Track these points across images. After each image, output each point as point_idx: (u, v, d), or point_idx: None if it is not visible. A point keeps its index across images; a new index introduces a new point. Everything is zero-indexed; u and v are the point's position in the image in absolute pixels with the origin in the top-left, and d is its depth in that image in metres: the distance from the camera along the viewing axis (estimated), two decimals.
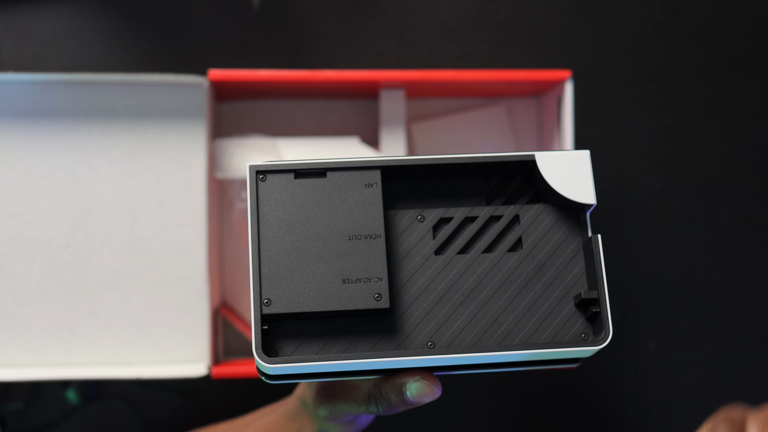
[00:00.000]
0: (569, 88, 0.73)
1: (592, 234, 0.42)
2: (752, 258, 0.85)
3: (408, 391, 0.41)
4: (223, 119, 0.80)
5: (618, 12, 0.84)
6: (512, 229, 0.43)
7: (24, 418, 0.78)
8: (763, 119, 0.85)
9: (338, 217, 0.41)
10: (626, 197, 0.83)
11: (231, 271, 0.79)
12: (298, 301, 0.39)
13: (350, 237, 0.40)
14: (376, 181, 0.41)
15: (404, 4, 0.82)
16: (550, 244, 0.42)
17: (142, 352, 0.73)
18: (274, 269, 0.40)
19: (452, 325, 0.41)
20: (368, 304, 0.40)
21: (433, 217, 0.42)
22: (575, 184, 0.41)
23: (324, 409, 0.47)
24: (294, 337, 0.40)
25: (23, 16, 0.79)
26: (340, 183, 0.41)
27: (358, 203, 0.41)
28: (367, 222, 0.41)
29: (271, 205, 0.41)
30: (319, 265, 0.40)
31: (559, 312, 0.41)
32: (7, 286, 0.72)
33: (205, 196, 0.73)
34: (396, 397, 0.41)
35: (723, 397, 0.84)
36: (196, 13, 0.81)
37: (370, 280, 0.40)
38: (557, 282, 0.41)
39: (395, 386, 0.41)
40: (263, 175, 0.41)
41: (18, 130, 0.73)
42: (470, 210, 0.43)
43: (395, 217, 0.42)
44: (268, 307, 0.39)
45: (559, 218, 0.42)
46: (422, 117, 0.81)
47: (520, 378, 0.83)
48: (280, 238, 0.40)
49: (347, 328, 0.40)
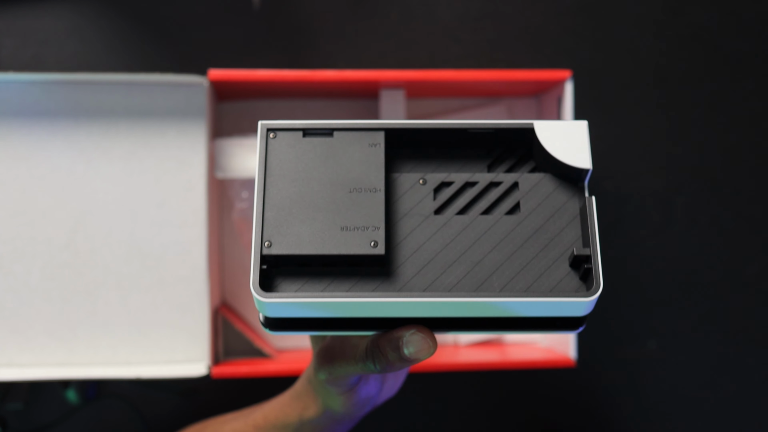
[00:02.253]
0: (569, 88, 0.73)
1: (588, 196, 0.43)
2: (752, 258, 0.85)
3: (405, 346, 0.42)
4: (223, 119, 0.80)
5: (618, 12, 0.84)
6: (511, 194, 0.44)
7: (24, 417, 0.78)
8: (763, 119, 0.85)
9: (341, 172, 0.43)
10: (626, 197, 0.83)
11: (231, 271, 0.79)
12: (297, 244, 0.41)
13: (351, 190, 0.42)
14: (380, 142, 0.43)
15: (404, 4, 0.82)
16: (547, 210, 0.43)
17: (142, 352, 0.73)
18: (277, 214, 0.42)
19: (448, 279, 0.42)
20: (364, 249, 0.41)
21: (435, 180, 0.44)
22: (572, 150, 0.43)
23: (323, 372, 0.48)
24: (295, 280, 0.42)
25: (23, 16, 0.79)
26: (346, 141, 0.43)
27: (361, 160, 0.43)
28: (368, 177, 0.43)
29: (279, 158, 0.43)
30: (320, 213, 0.42)
31: (554, 271, 0.42)
32: (7, 286, 0.72)
33: (205, 196, 0.73)
34: (393, 352, 0.42)
35: (723, 397, 0.84)
36: (196, 13, 0.81)
37: (367, 228, 0.42)
38: (553, 244, 0.43)
39: (392, 341, 0.42)
40: (273, 133, 0.43)
41: (18, 130, 0.73)
42: (471, 176, 0.44)
43: (399, 179, 0.44)
44: (269, 248, 0.41)
45: (558, 187, 0.44)
46: (422, 117, 0.81)
47: (519, 377, 0.83)
48: (284, 188, 0.42)
49: (347, 276, 0.42)
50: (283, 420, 0.57)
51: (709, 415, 0.84)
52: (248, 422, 0.61)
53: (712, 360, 0.84)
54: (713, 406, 0.84)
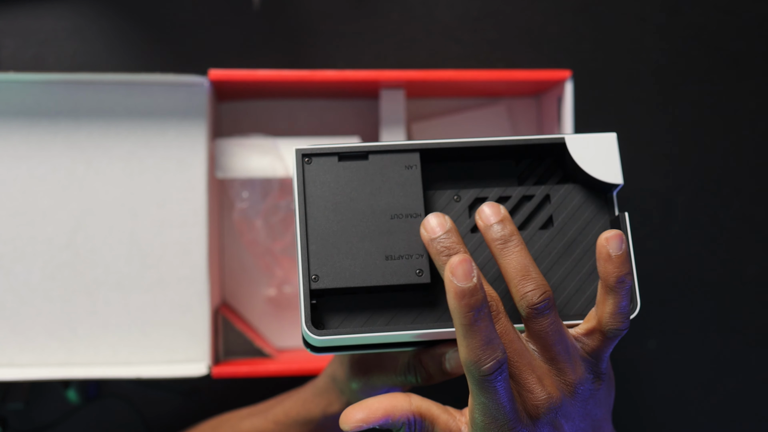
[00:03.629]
0: (569, 88, 0.73)
1: (619, 212, 0.43)
2: (752, 258, 0.85)
3: (447, 361, 0.42)
4: (224, 119, 0.80)
5: (618, 12, 0.84)
6: (543, 207, 0.44)
7: (25, 417, 0.78)
8: (763, 119, 0.85)
9: (380, 197, 0.43)
10: (626, 197, 0.84)
11: (231, 271, 0.79)
12: (344, 277, 0.41)
13: (392, 216, 0.42)
14: (416, 163, 0.43)
15: (404, 4, 0.82)
16: (579, 222, 0.44)
17: (142, 351, 0.73)
18: (321, 247, 0.42)
19: None
20: (410, 279, 0.41)
21: (469, 196, 0.44)
22: (603, 164, 0.44)
23: (357, 382, 0.48)
24: (340, 310, 0.42)
25: (24, 16, 0.79)
26: (382, 165, 0.43)
27: (398, 184, 0.43)
28: (407, 201, 0.43)
29: (317, 186, 0.43)
30: (364, 242, 0.42)
31: (588, 286, 0.43)
32: (7, 285, 0.72)
33: (205, 196, 0.73)
34: (435, 367, 0.43)
35: (723, 397, 0.84)
36: (197, 13, 0.81)
37: (411, 256, 0.42)
38: (587, 258, 0.43)
39: (434, 356, 0.43)
40: (308, 158, 0.43)
41: (19, 130, 0.73)
42: (503, 190, 0.45)
43: (433, 197, 0.44)
44: (316, 282, 0.41)
45: (588, 197, 0.44)
46: (422, 117, 0.81)
47: None
48: (325, 218, 0.42)
49: (390, 303, 0.42)
50: (305, 416, 0.57)
51: (710, 415, 0.84)
52: (268, 418, 0.61)
53: (712, 360, 0.84)
54: (713, 406, 0.84)
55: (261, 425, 0.62)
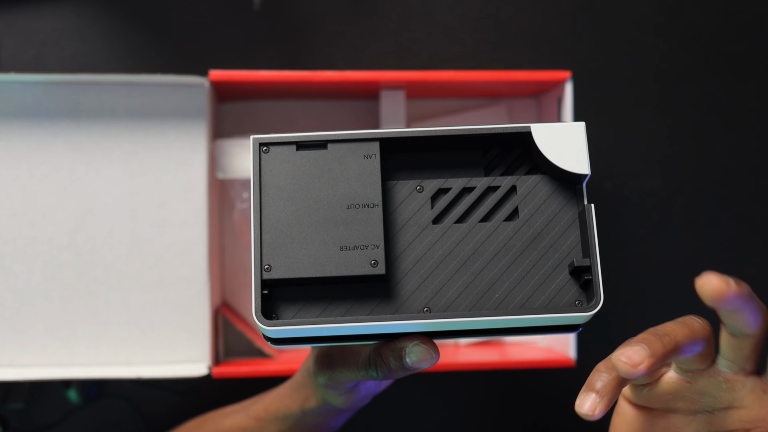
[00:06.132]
0: (569, 88, 0.73)
1: (587, 204, 0.42)
2: (752, 258, 0.85)
3: (407, 355, 0.42)
4: (224, 119, 0.80)
5: (618, 12, 0.84)
6: (509, 199, 0.43)
7: (25, 417, 0.78)
8: (763, 119, 0.85)
9: (338, 187, 0.42)
10: (626, 197, 0.84)
11: (232, 271, 0.79)
12: (297, 267, 0.41)
13: (349, 206, 0.42)
14: (375, 153, 0.42)
15: (404, 5, 0.82)
16: (546, 214, 0.43)
17: (142, 351, 0.73)
18: (275, 237, 0.41)
19: (448, 292, 0.42)
20: (364, 270, 0.41)
21: (432, 187, 0.43)
22: (570, 155, 0.42)
23: (323, 377, 0.48)
24: (294, 302, 0.41)
25: (24, 16, 0.79)
26: (341, 154, 0.42)
27: (357, 174, 0.42)
28: (365, 191, 0.42)
29: (273, 175, 0.42)
30: (318, 233, 0.41)
31: (553, 279, 0.42)
32: (8, 286, 0.72)
33: (205, 197, 0.73)
34: (395, 361, 0.42)
35: None
36: (197, 13, 0.81)
37: (367, 247, 0.41)
38: (552, 251, 0.42)
39: (395, 351, 0.42)
40: (266, 147, 0.42)
41: (19, 130, 0.73)
42: (468, 180, 0.43)
43: (395, 187, 0.43)
44: (269, 272, 0.41)
45: (556, 189, 0.43)
46: (422, 117, 0.82)
47: (519, 377, 0.83)
48: (281, 208, 0.42)
49: (346, 294, 0.42)
50: (284, 411, 0.57)
51: None
52: (249, 414, 0.61)
53: None
54: None
55: (242, 422, 0.62)
